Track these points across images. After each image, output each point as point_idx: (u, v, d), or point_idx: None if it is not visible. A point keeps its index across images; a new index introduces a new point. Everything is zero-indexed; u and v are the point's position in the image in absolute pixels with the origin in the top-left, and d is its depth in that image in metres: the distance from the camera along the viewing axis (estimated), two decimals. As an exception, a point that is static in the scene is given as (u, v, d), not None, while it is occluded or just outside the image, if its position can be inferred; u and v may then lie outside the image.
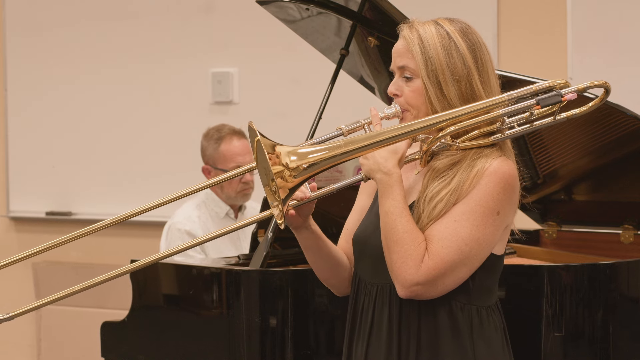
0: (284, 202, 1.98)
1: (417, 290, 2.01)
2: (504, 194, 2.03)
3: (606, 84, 2.08)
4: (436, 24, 2.11)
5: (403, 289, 2.02)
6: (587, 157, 3.51)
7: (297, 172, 1.98)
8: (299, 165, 1.98)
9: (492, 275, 2.12)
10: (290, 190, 1.98)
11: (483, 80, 2.09)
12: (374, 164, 2.04)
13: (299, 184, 1.99)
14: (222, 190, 3.94)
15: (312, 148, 2.01)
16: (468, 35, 2.10)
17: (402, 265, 2.00)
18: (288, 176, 1.98)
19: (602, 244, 3.70)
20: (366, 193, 2.26)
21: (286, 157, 1.98)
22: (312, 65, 4.29)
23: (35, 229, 5.48)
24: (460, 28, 2.11)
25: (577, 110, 2.10)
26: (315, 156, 1.99)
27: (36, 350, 5.45)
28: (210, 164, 3.97)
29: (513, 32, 4.56)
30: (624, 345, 2.90)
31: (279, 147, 1.99)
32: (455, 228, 2.01)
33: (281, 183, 1.97)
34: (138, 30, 5.22)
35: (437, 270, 2.00)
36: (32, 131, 5.45)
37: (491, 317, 2.11)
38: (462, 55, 2.08)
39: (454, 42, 2.08)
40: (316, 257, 2.21)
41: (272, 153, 1.98)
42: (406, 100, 2.12)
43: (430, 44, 2.08)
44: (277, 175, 1.96)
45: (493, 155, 2.06)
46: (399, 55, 2.13)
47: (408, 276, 2.00)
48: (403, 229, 2.00)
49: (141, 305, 3.17)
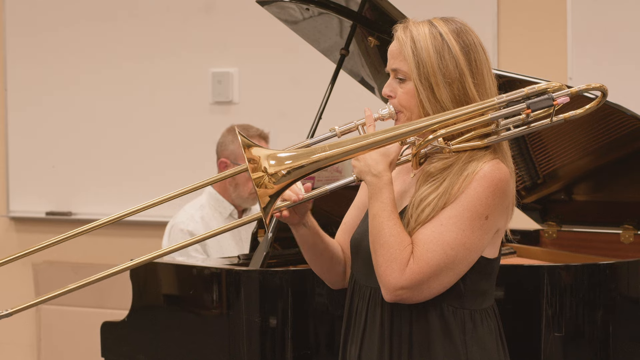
0: (265, 211, 1.96)
1: (402, 295, 2.00)
2: (493, 198, 2.02)
3: (603, 87, 2.06)
4: (430, 25, 2.09)
5: (388, 293, 2.01)
6: (587, 157, 3.51)
7: (276, 179, 1.96)
8: (278, 171, 1.96)
9: (485, 279, 2.10)
10: (271, 197, 1.97)
11: (477, 82, 2.07)
12: (365, 166, 2.04)
13: (280, 190, 1.98)
14: (234, 189, 3.92)
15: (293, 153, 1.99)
16: (462, 36, 2.08)
17: (386, 269, 2.00)
18: (267, 182, 1.96)
19: (602, 244, 3.70)
20: (365, 192, 2.26)
21: (265, 161, 1.96)
22: (312, 66, 4.29)
23: (35, 229, 5.48)
24: (455, 29, 2.09)
25: (574, 112, 2.09)
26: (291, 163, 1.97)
27: (36, 350, 5.45)
28: (231, 159, 3.95)
29: (513, 32, 4.56)
30: (624, 345, 2.90)
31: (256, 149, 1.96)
32: (442, 232, 2.00)
33: (261, 191, 1.95)
34: (138, 30, 5.22)
35: (421, 274, 1.99)
36: (32, 131, 5.45)
37: (485, 321, 2.10)
38: (454, 57, 2.06)
39: (447, 43, 2.07)
40: (312, 253, 2.21)
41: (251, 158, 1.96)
42: (399, 101, 2.11)
43: (423, 46, 2.07)
44: (257, 181, 1.95)
45: (485, 159, 2.04)
46: (393, 57, 2.12)
47: (392, 280, 1.99)
48: (389, 232, 2.00)
49: (141, 305, 3.17)
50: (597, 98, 2.08)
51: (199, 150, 5.02)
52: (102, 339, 3.25)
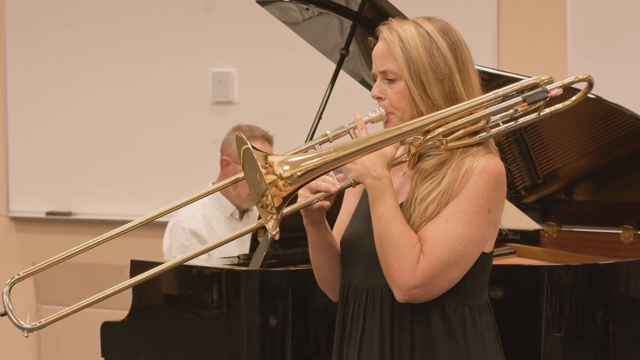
0: (278, 211, 1.96)
1: (416, 294, 2.00)
2: (493, 191, 2.03)
3: (589, 77, 2.07)
4: (415, 24, 2.10)
5: (401, 292, 2.01)
6: (587, 157, 3.51)
7: (291, 180, 1.96)
8: (293, 174, 1.96)
9: (482, 274, 2.12)
10: (284, 199, 1.97)
11: (464, 79, 2.08)
12: (363, 168, 2.03)
13: (293, 192, 1.98)
14: (233, 189, 3.92)
15: (304, 156, 2.00)
16: (448, 34, 2.09)
17: (398, 269, 1.99)
18: (282, 185, 1.97)
19: (602, 244, 3.70)
20: (352, 195, 2.25)
21: (279, 167, 1.96)
22: (312, 66, 4.29)
23: (35, 229, 5.48)
24: (440, 27, 2.10)
25: (561, 105, 2.10)
26: (307, 164, 1.98)
27: (36, 350, 5.45)
28: (233, 157, 3.95)
29: (513, 32, 4.56)
30: (624, 345, 2.90)
31: (270, 157, 1.97)
32: (448, 228, 2.00)
33: (275, 192, 1.96)
34: (138, 30, 5.22)
35: (432, 270, 1.99)
36: (32, 131, 5.45)
37: (483, 316, 2.11)
38: (443, 55, 2.07)
39: (434, 41, 2.07)
40: (325, 254, 2.18)
41: (265, 164, 1.96)
42: (390, 102, 2.10)
43: (412, 44, 2.07)
44: (272, 184, 1.95)
45: (480, 154, 2.05)
46: (380, 58, 2.12)
47: (405, 279, 1.99)
48: (397, 232, 2.00)
49: (141, 305, 3.17)
50: (582, 89, 2.09)
51: (199, 150, 5.02)
52: (102, 339, 3.26)
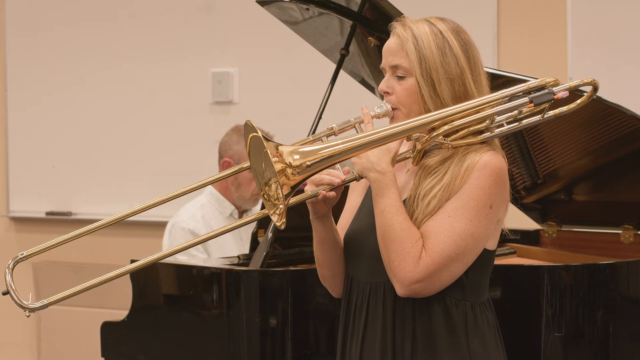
0: (285, 198, 1.98)
1: (417, 288, 2.01)
2: (495, 187, 2.03)
3: (594, 81, 2.08)
4: (429, 23, 2.11)
5: (402, 287, 2.02)
6: (587, 157, 3.51)
7: (300, 170, 1.98)
8: (302, 163, 1.98)
9: (485, 271, 2.12)
10: (292, 188, 1.99)
11: (475, 80, 2.09)
12: (368, 162, 2.04)
13: (301, 181, 2.00)
14: (236, 189, 3.92)
15: (314, 147, 2.02)
16: (460, 34, 2.11)
17: (400, 263, 2.00)
18: (290, 174, 1.98)
19: (602, 244, 3.70)
20: (357, 192, 2.26)
21: (289, 156, 1.98)
22: (312, 66, 4.29)
23: (35, 229, 5.48)
24: (453, 27, 2.11)
25: (565, 107, 2.10)
26: (317, 155, 1.99)
27: (36, 350, 5.45)
28: (235, 159, 3.95)
29: (513, 32, 4.56)
30: (624, 345, 2.90)
31: (281, 147, 2.00)
32: (450, 223, 2.01)
33: (284, 180, 1.97)
34: (138, 30, 5.22)
35: (434, 265, 2.00)
36: (32, 131, 5.45)
37: (484, 313, 2.11)
38: (455, 55, 2.08)
39: (447, 41, 2.08)
40: (331, 250, 2.19)
41: (276, 153, 1.98)
42: (398, 98, 2.11)
43: (425, 42, 2.08)
44: (281, 173, 1.97)
45: (483, 150, 2.06)
46: (392, 54, 2.12)
47: (407, 274, 2.00)
48: (400, 227, 2.01)
49: (141, 305, 3.17)
50: (587, 93, 2.09)
51: (199, 150, 5.02)
52: (102, 339, 3.26)
